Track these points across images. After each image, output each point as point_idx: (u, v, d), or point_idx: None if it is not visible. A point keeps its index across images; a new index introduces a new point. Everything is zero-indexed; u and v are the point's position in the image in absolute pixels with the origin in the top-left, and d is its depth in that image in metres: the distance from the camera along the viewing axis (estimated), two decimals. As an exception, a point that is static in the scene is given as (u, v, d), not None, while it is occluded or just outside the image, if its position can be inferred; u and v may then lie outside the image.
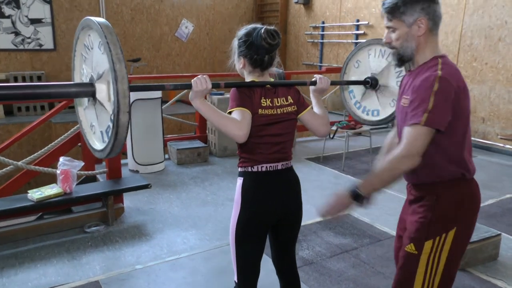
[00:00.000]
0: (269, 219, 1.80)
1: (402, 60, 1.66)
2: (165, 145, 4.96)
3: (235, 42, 1.78)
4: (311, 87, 1.97)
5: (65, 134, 3.87)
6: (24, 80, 7.63)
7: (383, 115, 2.80)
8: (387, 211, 3.75)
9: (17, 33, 7.71)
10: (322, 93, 1.98)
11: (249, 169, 1.76)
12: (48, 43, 8.02)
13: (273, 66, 1.82)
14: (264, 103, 1.72)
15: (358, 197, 1.58)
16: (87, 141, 1.67)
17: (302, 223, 2.00)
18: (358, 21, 7.61)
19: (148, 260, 2.86)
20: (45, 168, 3.39)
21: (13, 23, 7.65)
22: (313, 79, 1.96)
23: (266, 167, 1.76)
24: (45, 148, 3.71)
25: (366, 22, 7.43)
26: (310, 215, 3.54)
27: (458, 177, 1.61)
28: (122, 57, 1.37)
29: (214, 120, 1.63)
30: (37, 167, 3.38)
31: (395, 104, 2.66)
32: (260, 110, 1.70)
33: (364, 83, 2.83)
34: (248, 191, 1.76)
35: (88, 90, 1.46)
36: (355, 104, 3.06)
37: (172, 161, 5.09)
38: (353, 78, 2.95)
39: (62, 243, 3.06)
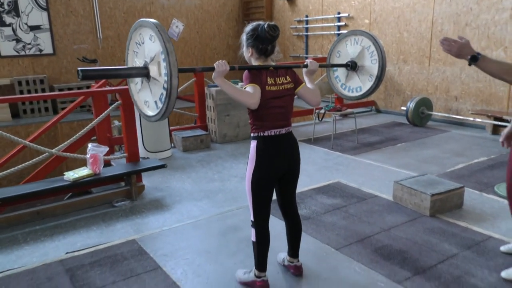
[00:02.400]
0: (277, 171, 2.36)
1: None
2: (170, 135, 5.48)
3: (244, 36, 2.33)
4: (304, 69, 2.53)
5: (83, 130, 4.33)
6: (28, 84, 8.06)
7: (365, 89, 3.55)
8: (371, 177, 4.33)
9: (18, 40, 8.13)
10: (312, 74, 2.54)
11: (261, 134, 2.30)
12: (47, 48, 8.45)
13: (274, 54, 2.37)
14: (269, 81, 2.26)
15: (474, 58, 2.20)
16: (143, 113, 2.26)
17: (300, 190, 2.58)
18: (339, 13, 8.18)
19: (172, 223, 3.40)
20: (74, 154, 3.89)
21: (13, 30, 8.07)
22: (305, 63, 2.52)
23: (274, 132, 2.30)
24: (69, 140, 4.19)
25: (347, 14, 8.00)
26: (305, 184, 4.15)
27: None
28: (169, 39, 1.95)
29: (233, 92, 2.18)
30: (67, 153, 3.88)
31: (374, 77, 3.38)
32: (267, 87, 2.25)
33: (345, 65, 3.51)
34: (260, 150, 2.30)
35: (144, 72, 2.07)
36: (342, 86, 3.75)
37: (178, 149, 5.62)
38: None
39: (97, 215, 3.58)
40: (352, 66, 3.53)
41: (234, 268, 2.68)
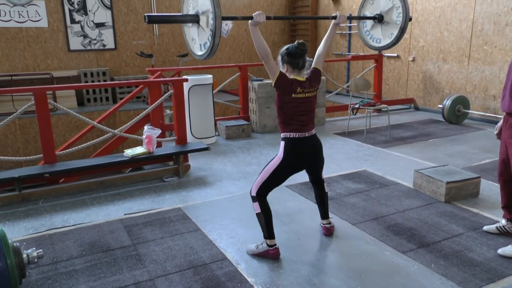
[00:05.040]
0: (298, 167, 2.86)
1: None
2: (215, 124, 6.05)
3: (279, 57, 2.81)
4: (333, 21, 3.13)
5: (139, 115, 4.96)
6: (92, 75, 8.98)
7: (383, 43, 4.21)
8: (397, 167, 4.65)
9: (85, 36, 9.06)
10: (338, 26, 3.16)
11: (288, 136, 2.77)
12: (110, 43, 9.33)
13: (306, 68, 2.82)
14: (298, 90, 2.72)
15: None
16: (190, 48, 3.21)
17: (327, 175, 3.16)
18: (382, 12, 8.39)
19: (212, 197, 3.94)
20: (133, 135, 4.54)
21: (81, 27, 9.00)
22: (334, 14, 3.14)
23: (298, 135, 2.77)
24: (128, 123, 4.85)
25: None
26: (334, 170, 4.56)
27: None
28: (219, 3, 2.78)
29: (258, 41, 2.71)
30: (127, 134, 4.53)
31: (393, 36, 3.92)
32: (293, 95, 2.72)
33: (373, 18, 4.08)
34: (287, 150, 2.77)
35: (195, 19, 2.97)
36: (366, 32, 4.33)
37: (221, 137, 6.18)
38: (367, 12, 4.15)
39: (149, 188, 4.20)
40: (379, 19, 3.98)
41: (261, 233, 3.16)
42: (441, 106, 6.81)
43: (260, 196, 2.83)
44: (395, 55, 8.21)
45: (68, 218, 3.54)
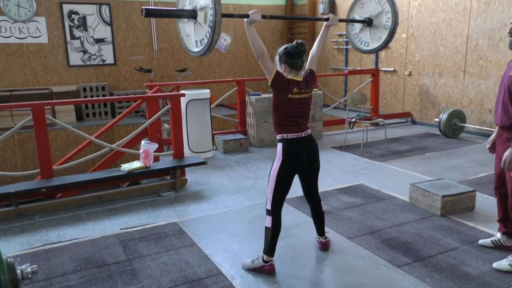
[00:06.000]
0: (297, 168, 2.82)
1: None
2: (212, 138, 6.08)
3: (277, 57, 2.81)
4: (325, 22, 3.15)
5: (137, 130, 5.00)
6: (91, 90, 9.04)
7: (371, 47, 4.17)
8: (393, 181, 4.66)
9: (84, 51, 9.16)
10: (330, 27, 3.18)
11: (285, 137, 2.76)
12: (109, 59, 9.42)
13: (303, 69, 2.84)
14: (294, 91, 2.72)
15: None
16: (185, 45, 3.16)
17: (324, 189, 3.10)
18: (378, 28, 8.50)
19: (209, 211, 3.94)
20: (130, 150, 4.56)
21: (81, 43, 9.10)
22: (326, 16, 3.16)
23: (295, 135, 2.76)
24: (126, 137, 4.88)
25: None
26: (330, 184, 4.56)
27: None
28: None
29: (254, 40, 2.68)
30: (124, 149, 4.56)
31: (382, 40, 3.91)
32: (290, 95, 2.72)
33: (362, 21, 4.07)
34: (285, 151, 2.76)
35: (193, 14, 2.95)
36: (354, 35, 4.30)
37: (219, 151, 6.20)
38: (357, 15, 4.14)
39: (146, 202, 4.20)
40: (368, 23, 4.01)
41: (257, 248, 3.15)
42: (437, 120, 6.85)
43: (274, 210, 2.79)
44: (392, 69, 8.29)
45: (64, 233, 3.53)
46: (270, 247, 2.83)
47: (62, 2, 8.79)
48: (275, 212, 2.81)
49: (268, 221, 2.81)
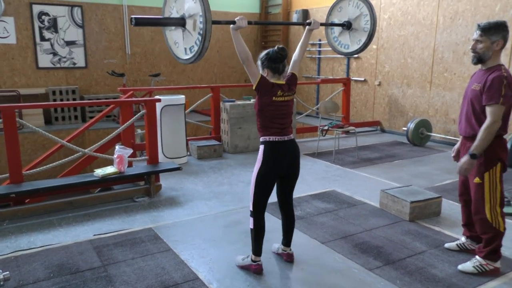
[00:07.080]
0: (278, 171, 2.86)
1: (480, 60, 2.80)
2: (186, 144, 6.07)
3: (259, 62, 2.88)
4: (307, 27, 3.21)
5: (111, 135, 4.95)
6: (61, 93, 8.84)
7: (351, 49, 4.17)
8: (364, 188, 4.80)
9: (54, 54, 8.95)
10: (312, 32, 3.24)
11: (268, 139, 2.82)
12: (80, 62, 9.25)
13: (285, 72, 2.91)
14: (278, 94, 2.79)
15: (474, 157, 2.72)
16: (173, 53, 3.17)
17: (298, 195, 3.12)
18: (349, 38, 8.75)
19: (184, 217, 3.95)
20: (103, 155, 4.50)
21: (51, 45, 8.90)
22: (308, 21, 3.23)
23: (278, 138, 2.82)
24: (99, 142, 4.82)
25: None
26: (304, 190, 4.64)
27: (499, 134, 2.75)
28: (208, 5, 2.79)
29: (240, 45, 2.75)
30: (97, 153, 4.49)
31: (361, 43, 4.02)
32: (274, 98, 2.78)
33: (341, 25, 4.17)
34: (267, 153, 2.82)
35: (181, 22, 2.97)
36: (334, 38, 4.39)
37: (193, 157, 6.19)
38: (335, 19, 4.24)
39: (120, 208, 4.15)
40: (347, 26, 4.12)
41: (234, 253, 3.19)
42: (405, 128, 7.10)
43: (257, 212, 2.85)
44: (363, 79, 8.54)
45: (35, 240, 3.45)
46: (255, 247, 2.90)
47: (32, 3, 8.59)
48: (256, 214, 2.87)
49: (251, 222, 2.88)
